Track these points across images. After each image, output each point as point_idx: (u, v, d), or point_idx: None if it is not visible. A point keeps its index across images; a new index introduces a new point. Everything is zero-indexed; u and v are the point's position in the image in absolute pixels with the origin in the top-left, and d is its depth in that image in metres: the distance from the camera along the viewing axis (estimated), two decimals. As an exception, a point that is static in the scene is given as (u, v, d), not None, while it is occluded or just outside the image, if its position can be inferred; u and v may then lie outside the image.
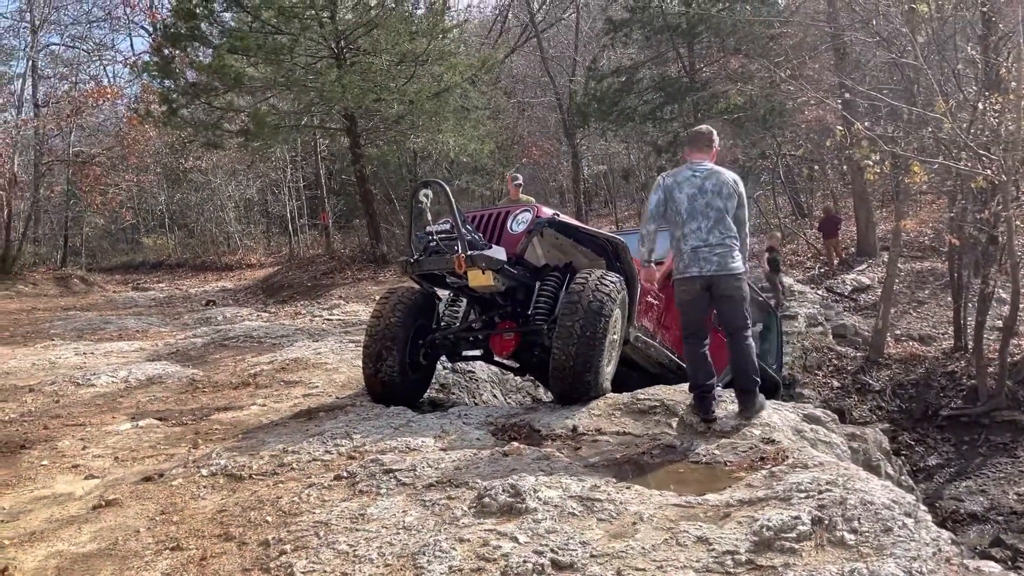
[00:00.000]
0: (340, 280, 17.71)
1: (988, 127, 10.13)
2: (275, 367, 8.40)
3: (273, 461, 5.05)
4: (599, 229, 6.71)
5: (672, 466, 4.84)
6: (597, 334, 5.50)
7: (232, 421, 6.57)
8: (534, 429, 5.60)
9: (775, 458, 4.72)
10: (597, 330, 5.50)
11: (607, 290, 5.61)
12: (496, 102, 22.26)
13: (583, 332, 5.46)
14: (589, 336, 5.46)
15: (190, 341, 11.05)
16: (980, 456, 10.02)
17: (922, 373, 12.07)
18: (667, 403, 5.74)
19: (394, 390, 6.23)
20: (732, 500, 3.87)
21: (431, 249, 5.90)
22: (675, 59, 18.74)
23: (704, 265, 5.03)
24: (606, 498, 3.91)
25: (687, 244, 5.04)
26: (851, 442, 6.27)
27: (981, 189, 10.55)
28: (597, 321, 5.49)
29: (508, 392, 9.26)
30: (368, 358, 6.22)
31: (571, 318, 5.48)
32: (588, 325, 5.46)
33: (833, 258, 18.30)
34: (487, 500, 3.86)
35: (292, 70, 15.75)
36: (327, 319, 13.70)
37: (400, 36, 15.54)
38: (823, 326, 13.47)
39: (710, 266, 5.02)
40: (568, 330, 5.46)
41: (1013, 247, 10.15)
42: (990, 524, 8.55)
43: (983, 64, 11.11)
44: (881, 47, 12.11)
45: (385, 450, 5.14)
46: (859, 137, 10.02)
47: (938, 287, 16.15)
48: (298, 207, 30.80)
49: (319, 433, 5.57)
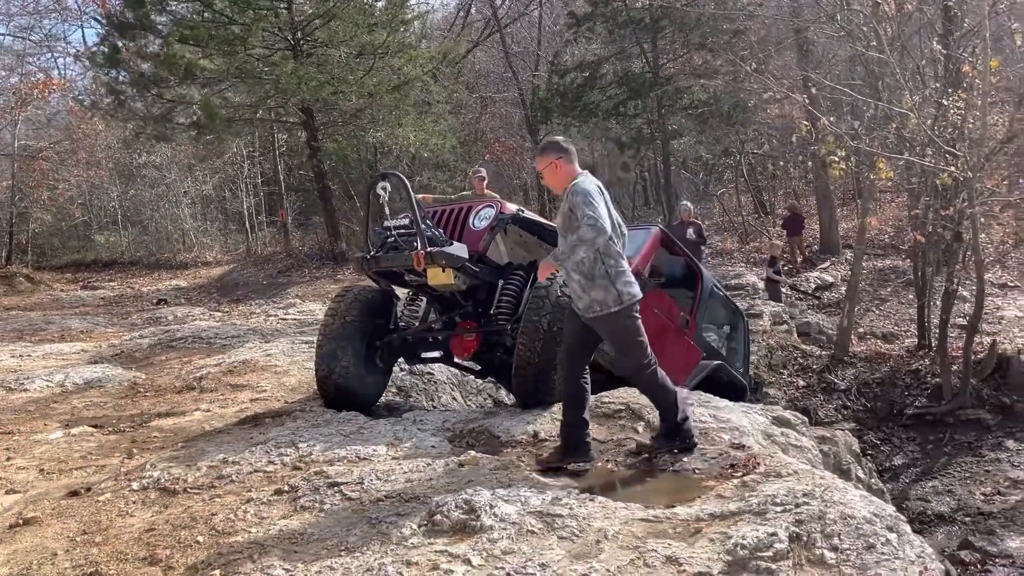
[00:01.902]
0: (297, 278, 17.25)
1: (952, 124, 10.05)
2: (222, 370, 7.99)
3: (211, 473, 4.70)
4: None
5: (638, 474, 4.59)
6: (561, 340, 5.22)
7: (173, 428, 6.19)
8: (493, 435, 5.33)
9: (746, 465, 4.49)
10: (560, 336, 5.21)
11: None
12: (458, 97, 21.89)
13: (549, 330, 5.22)
14: (555, 334, 5.21)
15: (135, 342, 10.55)
16: (945, 455, 9.95)
17: (887, 372, 12.00)
18: (632, 407, 5.51)
19: (348, 393, 5.92)
20: (703, 514, 3.61)
21: (389, 245, 5.62)
22: (639, 54, 18.55)
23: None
24: (567, 513, 3.62)
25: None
26: (822, 445, 6.08)
27: (945, 186, 10.48)
28: (559, 335, 5.20)
29: (468, 394, 8.96)
30: (321, 359, 5.89)
31: (537, 314, 5.24)
32: (554, 322, 5.21)
33: (797, 256, 18.28)
34: (439, 517, 3.55)
35: (246, 61, 15.24)
36: (282, 319, 13.26)
37: (358, 27, 15.13)
38: (787, 324, 13.38)
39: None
40: (534, 327, 5.23)
41: (978, 244, 10.10)
42: (957, 525, 8.45)
43: (945, 61, 11.05)
44: (846, 41, 12.01)
45: (333, 460, 4.82)
46: (824, 133, 9.87)
47: (900, 284, 16.18)
48: (256, 204, 30.09)
49: (263, 441, 5.21)
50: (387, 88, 15.36)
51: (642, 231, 7.66)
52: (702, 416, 5.26)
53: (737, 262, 18.84)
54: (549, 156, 4.41)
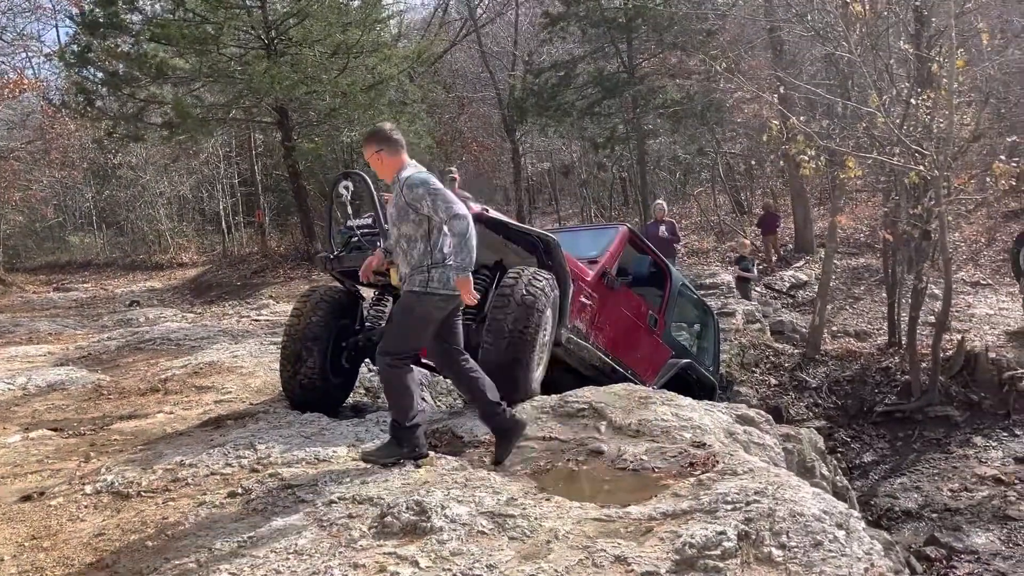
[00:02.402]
0: (271, 279, 17.13)
1: (920, 123, 10.13)
2: (188, 371, 7.91)
3: (167, 476, 4.64)
4: (531, 226, 6.44)
5: (598, 473, 4.58)
6: (528, 331, 5.25)
7: (134, 431, 6.12)
8: (456, 435, 5.30)
9: (705, 463, 4.49)
10: (528, 327, 5.25)
11: (539, 288, 5.36)
12: (434, 96, 21.81)
13: (514, 328, 5.21)
14: (520, 333, 5.21)
15: (103, 344, 10.43)
16: (914, 452, 10.02)
17: (857, 369, 12.08)
18: (596, 406, 5.47)
19: (314, 394, 5.84)
20: (655, 513, 3.60)
21: (353, 245, 5.57)
22: (614, 54, 18.56)
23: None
24: (520, 513, 3.60)
25: (452, 258, 4.33)
26: (785, 443, 6.07)
27: (914, 185, 10.56)
28: (529, 318, 5.23)
29: (439, 395, 8.92)
30: (286, 359, 5.82)
31: (502, 312, 5.23)
32: (519, 321, 5.21)
33: (772, 255, 18.38)
34: (389, 519, 3.51)
35: (219, 60, 15.09)
36: (254, 320, 13.15)
37: (332, 27, 15.02)
38: (761, 323, 13.43)
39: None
40: (499, 325, 5.21)
41: (945, 242, 10.18)
42: (924, 521, 8.50)
43: (916, 61, 11.14)
44: (816, 41, 12.07)
45: (291, 462, 4.77)
46: (795, 132, 9.92)
47: (873, 283, 16.31)
48: (233, 204, 29.89)
49: (222, 444, 5.15)
50: (361, 87, 15.27)
51: (609, 230, 7.64)
52: (664, 415, 5.25)
53: (713, 261, 18.93)
54: (371, 147, 4.34)
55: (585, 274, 6.59)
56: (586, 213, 25.93)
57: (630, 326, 7.29)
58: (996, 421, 10.40)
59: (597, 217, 24.99)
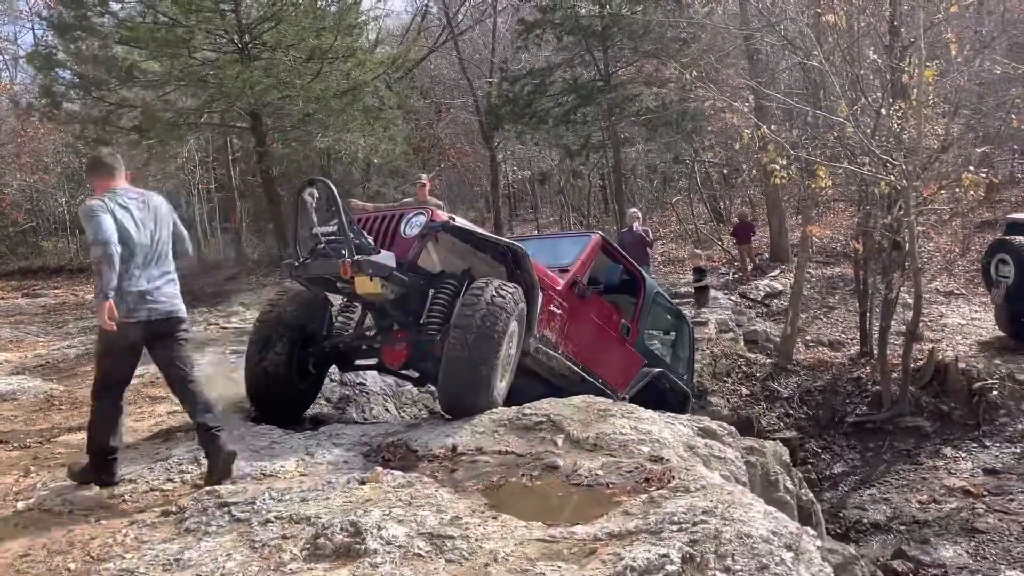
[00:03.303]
0: (244, 286, 16.90)
1: (891, 133, 10.12)
2: (144, 381, 7.68)
3: (104, 492, 4.48)
4: (498, 235, 6.35)
5: (551, 489, 4.47)
6: (491, 344, 5.18)
7: (80, 444, 5.87)
8: (411, 449, 5.16)
9: (660, 479, 4.39)
10: (492, 340, 5.17)
11: (505, 301, 5.28)
12: (411, 103, 21.68)
13: (476, 342, 5.13)
14: (482, 346, 5.14)
15: (62, 352, 10.21)
16: (884, 463, 9.98)
17: (829, 379, 12.04)
18: (554, 418, 5.35)
19: (277, 385, 5.77)
20: (601, 533, 3.48)
21: (318, 252, 5.50)
22: (590, 62, 18.50)
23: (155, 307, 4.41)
24: (460, 534, 3.46)
25: (136, 285, 4.32)
26: (749, 456, 5.99)
27: (884, 195, 10.55)
28: (492, 331, 5.15)
29: (404, 404, 8.77)
30: (254, 344, 5.76)
31: (466, 322, 5.14)
32: (483, 334, 5.13)
33: (747, 264, 18.37)
34: (322, 540, 3.37)
35: (190, 64, 14.88)
36: (223, 327, 12.93)
37: (306, 31, 14.86)
38: (734, 332, 13.38)
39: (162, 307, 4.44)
40: (461, 338, 5.13)
41: (915, 252, 10.17)
42: (893, 534, 8.45)
43: (889, 71, 11.15)
44: (787, 50, 12.07)
45: (236, 478, 4.61)
46: (766, 141, 9.88)
47: (847, 292, 16.31)
48: (209, 210, 29.56)
49: (167, 457, 4.99)
50: (334, 93, 15.11)
51: (582, 238, 7.55)
52: (622, 428, 5.14)
53: (689, 270, 18.88)
54: (90, 178, 4.59)
55: (555, 283, 6.52)
56: (565, 221, 25.86)
57: (601, 335, 7.22)
58: (966, 432, 10.40)
59: (577, 225, 24.93)
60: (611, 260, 7.58)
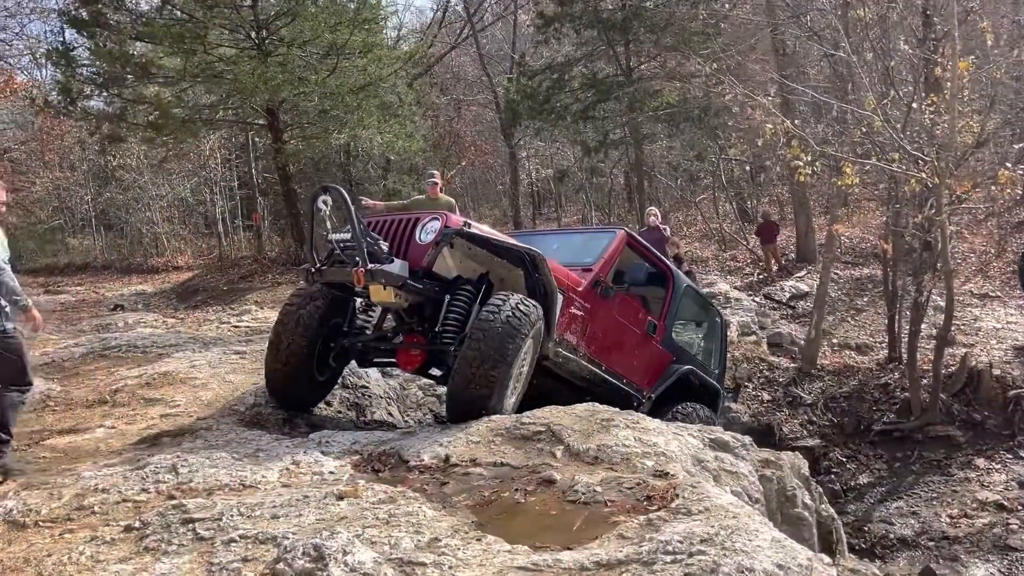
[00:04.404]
0: (259, 284, 16.78)
1: (923, 128, 9.67)
2: (140, 382, 7.52)
3: (72, 503, 4.26)
4: (514, 240, 6.16)
5: (545, 506, 4.17)
6: (503, 366, 5.14)
7: (67, 447, 5.76)
8: (403, 459, 4.91)
9: (663, 497, 4.08)
10: (504, 362, 5.13)
11: (520, 322, 5.21)
12: (429, 99, 21.45)
13: (489, 360, 5.10)
14: (494, 367, 5.11)
15: (69, 351, 10.05)
16: (913, 474, 9.52)
17: (855, 385, 11.56)
18: (554, 428, 5.06)
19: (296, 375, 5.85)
20: (589, 562, 3.16)
21: (335, 258, 5.56)
22: (610, 56, 18.10)
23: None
24: (434, 561, 3.16)
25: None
26: (764, 469, 5.64)
27: (915, 193, 10.08)
28: (505, 351, 5.11)
29: (408, 408, 8.53)
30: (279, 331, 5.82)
31: (479, 336, 5.11)
32: (496, 354, 5.09)
33: (771, 264, 17.88)
34: (281, 567, 3.09)
35: (205, 60, 14.76)
36: (234, 326, 12.75)
37: (322, 27, 14.68)
38: (756, 335, 12.94)
39: None
40: (474, 353, 5.09)
41: (947, 253, 9.68)
42: (920, 550, 8.01)
43: (922, 64, 10.67)
44: (813, 41, 11.63)
45: (213, 488, 4.39)
46: (790, 136, 9.47)
47: (877, 294, 15.77)
48: (232, 207, 29.59)
49: (143, 466, 4.75)
50: (349, 88, 14.91)
51: (606, 234, 7.29)
52: (626, 439, 4.84)
53: (713, 270, 18.45)
54: None
55: (577, 284, 6.37)
56: (587, 219, 25.47)
57: (625, 334, 7.04)
58: (1000, 442, 9.92)
59: (600, 223, 24.52)
60: (638, 256, 7.30)
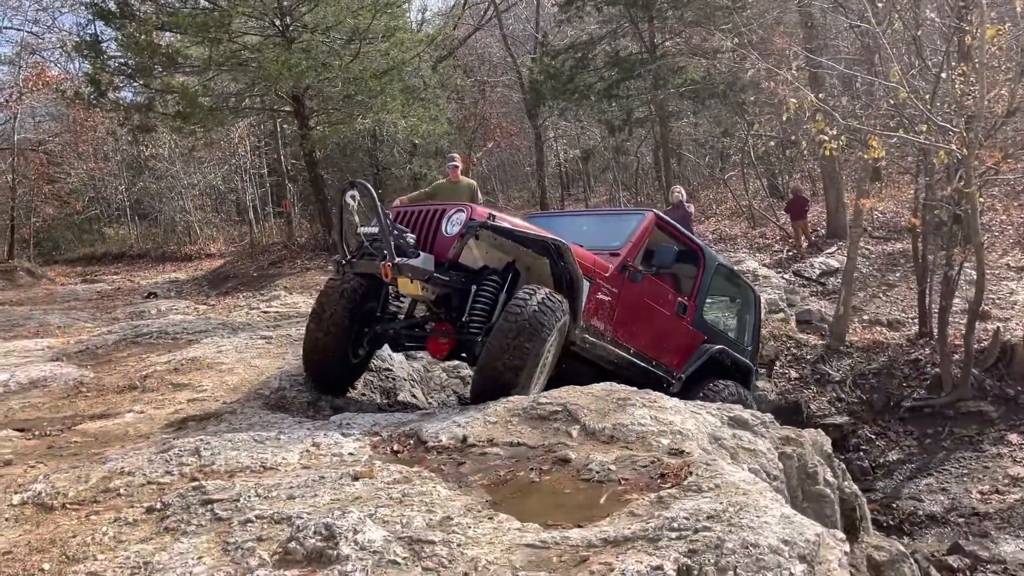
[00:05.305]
0: (288, 270, 16.98)
1: (953, 98, 9.44)
2: (169, 368, 7.66)
3: (99, 486, 4.35)
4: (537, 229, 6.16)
5: (559, 485, 4.20)
6: (528, 358, 5.23)
7: (97, 432, 5.89)
8: (421, 440, 4.97)
9: (677, 475, 4.09)
10: (529, 354, 5.22)
11: (547, 314, 5.28)
12: (453, 82, 21.41)
13: (514, 352, 5.20)
14: (519, 358, 5.21)
15: (103, 338, 10.26)
16: (943, 450, 9.39)
17: (884, 361, 11.39)
18: (570, 408, 5.08)
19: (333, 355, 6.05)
20: (597, 539, 3.18)
21: (364, 251, 5.73)
22: (634, 33, 17.88)
23: None
24: (444, 539, 3.21)
25: None
26: (784, 447, 5.60)
27: (945, 165, 9.86)
28: (530, 346, 5.20)
29: (432, 391, 8.60)
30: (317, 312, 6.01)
31: (506, 328, 5.19)
32: (522, 347, 5.19)
33: (801, 241, 17.64)
34: (293, 545, 3.15)
35: (231, 48, 14.89)
36: (263, 312, 12.91)
37: (345, 11, 14.71)
38: (784, 312, 12.78)
39: None
40: (500, 344, 5.20)
41: (977, 226, 9.48)
42: (950, 527, 7.91)
43: (951, 33, 10.40)
44: (838, 12, 11.38)
45: (234, 471, 4.48)
46: (815, 109, 9.32)
47: (909, 269, 15.48)
48: (262, 194, 29.91)
49: (167, 449, 4.86)
50: (373, 73, 14.95)
51: (635, 216, 7.25)
52: (642, 418, 4.84)
53: (742, 247, 18.25)
54: None
55: (604, 269, 6.38)
56: (615, 199, 25.30)
57: (655, 317, 6.99)
58: (1033, 417, 9.71)
59: (629, 203, 24.35)
60: (668, 237, 7.27)
